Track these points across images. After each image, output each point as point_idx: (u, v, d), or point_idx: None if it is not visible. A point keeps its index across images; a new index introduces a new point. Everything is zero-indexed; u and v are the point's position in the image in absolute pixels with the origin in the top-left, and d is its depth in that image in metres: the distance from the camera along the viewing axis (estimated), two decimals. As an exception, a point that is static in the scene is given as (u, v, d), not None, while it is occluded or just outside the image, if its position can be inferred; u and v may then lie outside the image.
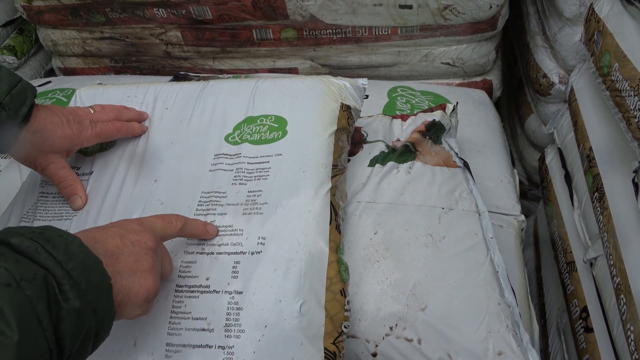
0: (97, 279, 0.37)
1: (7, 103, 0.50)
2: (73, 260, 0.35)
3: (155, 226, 0.47)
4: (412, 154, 0.72)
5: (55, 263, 0.34)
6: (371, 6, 1.03)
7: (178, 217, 0.50)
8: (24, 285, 0.31)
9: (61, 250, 0.35)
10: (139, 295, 0.41)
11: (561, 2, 1.00)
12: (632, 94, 0.62)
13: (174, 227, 0.49)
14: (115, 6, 1.17)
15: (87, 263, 0.36)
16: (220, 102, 0.67)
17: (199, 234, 0.52)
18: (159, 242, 0.46)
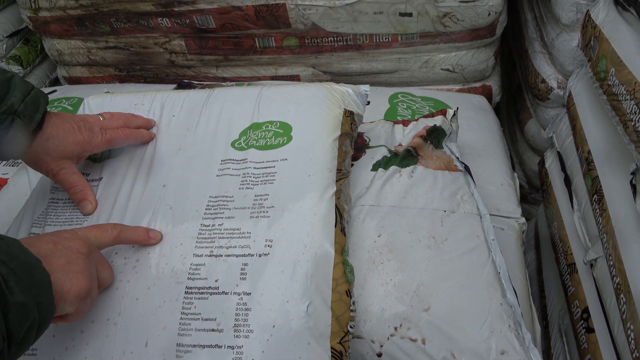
0: (38, 275, 0.40)
1: (22, 110, 0.52)
2: (15, 259, 0.39)
3: (89, 235, 0.50)
4: (414, 158, 0.73)
5: (1, 263, 0.37)
6: (372, 14, 1.05)
7: (114, 226, 0.52)
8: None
9: (3, 251, 0.38)
10: (71, 293, 0.44)
11: (558, 9, 1.02)
12: (628, 98, 0.63)
13: (109, 235, 0.51)
14: (120, 16, 1.19)
15: (29, 262, 0.40)
16: (226, 109, 0.68)
17: (140, 240, 0.55)
18: (91, 248, 0.48)
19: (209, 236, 0.54)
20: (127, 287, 0.52)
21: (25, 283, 0.38)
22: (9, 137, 0.53)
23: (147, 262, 0.54)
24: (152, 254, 0.54)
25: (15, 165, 1.03)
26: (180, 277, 0.51)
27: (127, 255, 0.55)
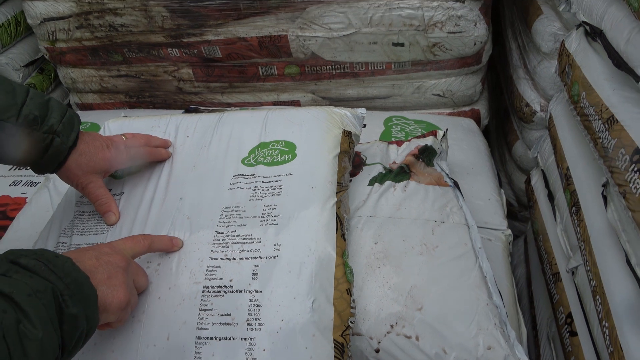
0: (87, 291, 0.46)
1: (60, 130, 0.59)
2: (69, 276, 0.44)
3: (125, 247, 0.55)
4: (407, 174, 0.80)
5: (57, 278, 0.43)
6: (367, 44, 1.14)
7: (145, 237, 0.58)
8: (39, 295, 0.40)
9: (59, 268, 0.44)
10: (113, 305, 0.49)
11: (539, 39, 1.11)
12: (597, 118, 0.71)
13: (142, 246, 0.57)
14: (132, 47, 1.27)
15: (79, 279, 0.45)
16: (236, 130, 0.75)
17: (166, 248, 0.61)
18: (129, 261, 0.54)
19: (224, 242, 0.60)
20: (150, 287, 0.58)
21: (77, 297, 0.43)
22: (49, 154, 0.59)
23: (168, 265, 0.60)
24: (173, 258, 0.60)
25: (33, 186, 1.10)
26: (198, 278, 0.57)
27: (150, 259, 0.61)
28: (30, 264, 0.42)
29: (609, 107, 0.68)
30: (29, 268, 0.42)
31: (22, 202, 1.05)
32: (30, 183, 1.11)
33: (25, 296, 0.39)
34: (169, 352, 0.54)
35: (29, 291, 0.39)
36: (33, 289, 0.40)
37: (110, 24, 1.22)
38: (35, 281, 0.41)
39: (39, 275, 0.41)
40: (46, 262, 0.43)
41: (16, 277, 0.40)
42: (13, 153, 0.58)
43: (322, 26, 1.12)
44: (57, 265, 0.44)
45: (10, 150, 0.58)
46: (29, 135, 0.57)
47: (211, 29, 1.19)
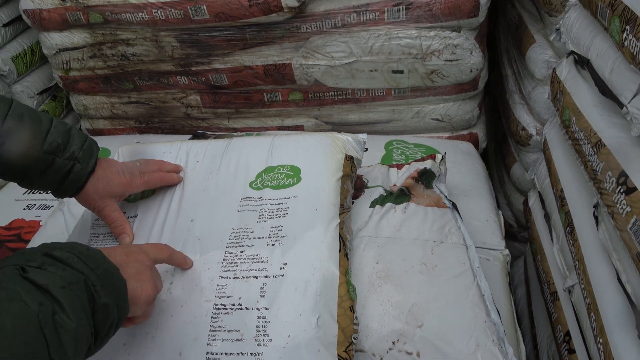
0: (117, 282, 0.49)
1: (81, 157, 0.63)
2: (100, 267, 0.48)
3: (150, 251, 0.59)
4: (407, 196, 0.84)
5: (89, 270, 0.46)
6: (368, 72, 1.19)
7: (168, 247, 0.63)
8: (72, 287, 0.44)
9: (91, 260, 0.47)
10: (142, 298, 0.53)
11: (532, 66, 1.16)
12: (586, 142, 0.75)
13: (164, 254, 0.61)
14: (143, 75, 1.33)
15: (110, 270, 0.49)
16: (244, 156, 0.79)
17: (181, 264, 0.64)
18: (153, 262, 0.58)
19: (232, 261, 0.64)
20: (163, 305, 0.61)
21: (108, 288, 0.46)
22: (69, 179, 0.63)
23: (180, 284, 0.63)
24: (184, 277, 0.63)
25: (46, 209, 1.14)
26: (209, 296, 0.61)
27: (163, 278, 0.64)
28: (63, 257, 0.45)
29: (596, 131, 0.72)
30: (62, 260, 0.45)
31: (36, 225, 1.09)
32: (44, 207, 1.14)
33: (60, 288, 0.42)
34: (181, 367, 0.57)
35: (63, 283, 0.42)
36: (67, 281, 0.43)
37: (122, 53, 1.28)
38: (68, 273, 0.44)
39: (72, 267, 0.44)
40: (78, 255, 0.46)
41: (51, 270, 0.43)
42: (36, 178, 0.62)
43: (325, 55, 1.18)
44: (89, 257, 0.47)
45: (34, 176, 0.62)
46: (52, 162, 0.61)
47: (218, 57, 1.24)
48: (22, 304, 0.39)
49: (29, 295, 0.40)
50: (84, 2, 1.20)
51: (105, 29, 1.25)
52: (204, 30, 1.19)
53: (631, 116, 0.62)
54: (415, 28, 1.12)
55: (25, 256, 0.44)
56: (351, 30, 1.13)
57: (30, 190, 1.21)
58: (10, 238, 1.05)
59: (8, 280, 0.41)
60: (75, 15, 1.23)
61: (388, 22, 1.11)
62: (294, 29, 1.15)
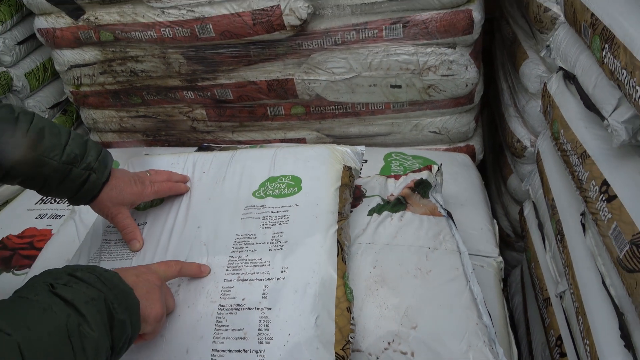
0: (131, 301, 0.54)
1: (96, 167, 0.68)
2: (116, 287, 0.52)
3: (159, 270, 0.63)
4: (403, 205, 0.87)
5: (108, 289, 0.51)
6: (367, 86, 1.24)
7: (177, 263, 0.66)
8: (94, 303, 0.48)
9: (109, 281, 0.52)
10: (151, 316, 0.57)
11: (526, 80, 1.20)
12: (573, 153, 0.78)
13: (173, 270, 0.65)
14: (151, 90, 1.38)
15: (125, 290, 0.53)
16: (247, 167, 0.84)
17: (195, 274, 0.68)
18: (162, 281, 0.62)
19: (237, 265, 0.67)
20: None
21: (124, 306, 0.51)
22: (85, 188, 0.68)
23: (187, 286, 0.67)
24: (191, 280, 0.67)
25: (57, 218, 1.18)
26: (214, 297, 0.64)
27: (171, 282, 0.68)
28: (85, 277, 0.50)
29: (582, 143, 0.76)
30: (84, 280, 0.49)
31: (48, 234, 1.13)
32: (55, 216, 1.19)
33: (84, 303, 0.46)
34: (188, 363, 0.60)
35: (86, 299, 0.47)
36: (89, 297, 0.48)
37: (131, 69, 1.33)
38: (90, 291, 0.48)
39: (93, 286, 0.49)
40: (98, 275, 0.51)
41: (76, 287, 0.48)
42: (55, 187, 0.66)
43: (326, 70, 1.23)
44: (107, 278, 0.51)
45: (52, 185, 0.66)
46: (69, 172, 0.66)
47: (224, 73, 1.29)
48: (53, 315, 0.44)
49: (58, 308, 0.45)
50: (95, 21, 1.25)
51: (115, 47, 1.31)
52: (209, 48, 1.24)
53: (611, 128, 0.66)
54: (412, 45, 1.16)
55: (52, 275, 0.49)
56: (351, 47, 1.18)
57: (42, 200, 1.26)
58: (23, 246, 1.09)
59: (40, 294, 0.46)
60: (87, 33, 1.29)
61: (386, 39, 1.16)
62: (296, 46, 1.20)
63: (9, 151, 0.61)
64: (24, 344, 0.40)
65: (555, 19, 1.03)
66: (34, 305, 0.44)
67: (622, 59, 0.60)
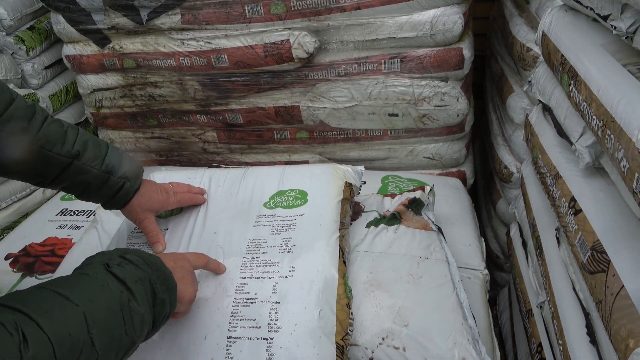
0: (170, 283, 0.62)
1: (130, 176, 0.77)
2: (159, 270, 0.61)
3: (191, 259, 0.72)
4: (398, 220, 0.97)
5: (152, 271, 0.60)
6: (367, 114, 1.35)
7: (205, 256, 0.75)
8: (141, 282, 0.57)
9: (153, 264, 0.61)
10: (185, 298, 0.66)
11: (512, 112, 1.32)
12: (548, 175, 0.89)
13: (201, 261, 0.74)
14: (167, 113, 1.49)
15: (166, 272, 0.62)
16: (259, 181, 0.93)
17: (215, 269, 0.77)
18: (193, 268, 0.71)
19: (250, 265, 0.76)
20: (191, 299, 0.74)
21: (165, 286, 0.59)
22: (120, 195, 0.77)
23: (206, 282, 0.75)
24: (209, 277, 0.76)
25: (77, 229, 1.27)
26: (230, 292, 0.73)
27: (191, 278, 0.76)
28: (133, 259, 0.58)
29: (556, 166, 0.86)
30: (133, 262, 0.58)
31: (68, 242, 1.21)
32: (75, 227, 1.28)
33: (133, 282, 0.55)
34: (206, 348, 0.68)
35: (135, 278, 0.56)
36: (137, 277, 0.56)
37: (150, 94, 1.45)
38: (138, 271, 0.57)
39: (140, 267, 0.58)
40: (144, 258, 0.60)
41: (126, 268, 0.56)
42: (94, 192, 0.76)
43: (329, 99, 1.34)
44: (151, 262, 0.60)
45: (92, 190, 0.76)
46: (107, 179, 0.75)
47: (235, 99, 1.41)
48: (109, 290, 0.53)
49: (113, 285, 0.54)
50: (120, 49, 1.37)
51: (136, 73, 1.42)
52: (224, 76, 1.36)
53: (578, 152, 0.76)
54: (408, 78, 1.28)
55: (106, 256, 0.58)
56: (353, 79, 1.30)
57: (62, 212, 1.34)
58: (45, 253, 1.18)
59: (98, 272, 0.54)
60: (112, 60, 1.41)
61: (385, 72, 1.28)
62: (303, 76, 1.32)
63: (58, 160, 0.71)
64: (88, 313, 0.48)
65: (536, 58, 1.15)
66: (94, 281, 0.53)
67: (583, 94, 0.71)
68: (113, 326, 0.51)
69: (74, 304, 0.48)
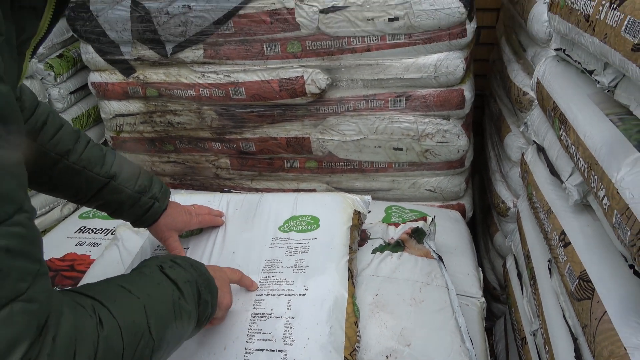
0: (213, 287, 0.69)
1: (159, 197, 0.85)
2: (203, 275, 0.68)
3: (227, 272, 0.79)
4: (401, 247, 1.04)
5: (198, 275, 0.67)
6: (373, 147, 1.43)
7: (239, 271, 0.82)
8: (189, 284, 0.64)
9: (198, 269, 0.68)
10: (223, 304, 0.73)
11: (509, 150, 1.40)
12: (541, 210, 0.96)
13: (236, 276, 0.81)
14: (183, 139, 1.58)
15: (209, 277, 0.69)
16: (274, 207, 1.01)
17: (247, 286, 0.84)
18: (229, 281, 0.78)
19: (266, 283, 0.83)
20: (212, 313, 0.80)
21: (208, 289, 0.66)
22: (149, 214, 0.84)
23: (226, 298, 0.82)
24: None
25: (95, 246, 1.33)
26: (248, 307, 0.79)
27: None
28: (183, 263, 0.66)
29: (548, 202, 0.94)
30: (182, 265, 0.65)
31: (87, 259, 1.27)
32: (93, 244, 1.34)
33: (183, 282, 0.62)
34: (226, 358, 0.74)
35: (184, 280, 0.63)
36: (186, 278, 0.63)
37: (169, 121, 1.54)
38: (187, 273, 0.64)
39: (187, 270, 0.65)
40: (191, 263, 0.67)
41: (177, 270, 0.63)
42: (126, 211, 0.83)
43: (338, 132, 1.43)
44: (197, 267, 0.67)
45: (124, 209, 0.83)
46: (139, 199, 0.83)
47: (249, 129, 1.50)
48: (163, 287, 0.60)
49: (167, 284, 0.61)
50: (144, 79, 1.47)
51: (158, 101, 1.52)
52: (240, 107, 1.45)
53: (568, 190, 0.84)
54: (413, 115, 1.37)
55: (159, 259, 0.65)
56: (361, 114, 1.39)
57: (80, 230, 1.41)
58: (64, 268, 1.24)
59: (154, 272, 0.62)
60: (135, 89, 1.50)
61: (391, 109, 1.37)
62: (314, 110, 1.41)
63: (97, 179, 0.79)
64: (147, 305, 0.55)
65: (531, 102, 1.25)
66: (151, 279, 0.60)
67: (571, 138, 0.79)
68: (166, 319, 0.57)
69: (135, 296, 0.55)
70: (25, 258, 0.40)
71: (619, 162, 0.63)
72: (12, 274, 0.38)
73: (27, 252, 0.40)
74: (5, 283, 0.38)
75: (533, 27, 1.21)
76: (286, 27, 1.28)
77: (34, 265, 0.41)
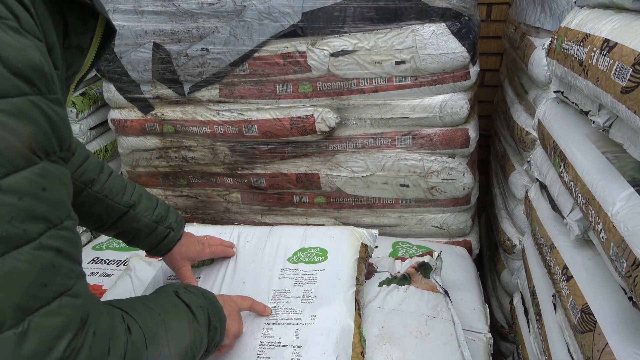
0: (221, 315, 0.72)
1: (175, 226, 0.89)
2: (213, 303, 0.71)
3: (237, 300, 0.82)
4: (408, 281, 1.06)
5: (209, 302, 0.70)
6: (380, 184, 1.47)
7: (250, 299, 0.85)
8: (201, 309, 0.67)
9: (208, 297, 0.71)
10: (232, 331, 0.76)
11: (514, 188, 1.44)
12: (545, 246, 0.98)
13: (246, 303, 0.84)
14: (196, 174, 1.63)
15: (218, 306, 0.73)
16: (283, 239, 1.04)
17: (260, 312, 0.86)
18: (239, 309, 0.80)
19: (275, 312, 0.85)
20: (222, 340, 0.82)
21: (217, 317, 0.70)
22: (164, 243, 0.88)
23: (235, 326, 0.84)
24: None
25: (107, 277, 1.36)
26: (257, 335, 0.81)
27: (222, 321, 0.85)
28: (194, 291, 0.69)
29: (551, 237, 0.96)
30: (194, 292, 0.69)
31: (99, 289, 1.30)
32: (105, 274, 1.37)
33: (196, 307, 0.65)
34: (234, 385, 0.76)
35: (197, 305, 0.66)
36: (199, 304, 0.67)
37: (183, 156, 1.59)
38: (199, 299, 0.67)
39: (199, 297, 0.68)
40: (202, 292, 0.71)
41: (190, 296, 0.67)
42: (142, 239, 0.87)
43: (346, 168, 1.47)
44: (207, 295, 0.71)
45: (141, 237, 0.87)
46: (155, 228, 0.87)
47: (261, 165, 1.55)
48: (180, 309, 0.64)
49: (182, 307, 0.65)
50: (161, 116, 1.54)
51: (173, 137, 1.58)
52: (252, 143, 1.50)
53: (569, 225, 0.87)
54: (419, 153, 1.42)
55: (174, 286, 0.69)
56: (369, 151, 1.44)
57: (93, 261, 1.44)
58: (77, 298, 1.26)
59: (170, 296, 0.66)
60: (152, 125, 1.57)
61: (398, 147, 1.42)
62: (324, 147, 1.46)
63: (118, 208, 0.83)
64: (166, 321, 0.59)
65: (534, 141, 1.29)
66: (168, 301, 0.64)
67: (571, 174, 0.83)
68: (182, 336, 0.61)
69: (157, 313, 0.60)
70: (70, 259, 0.45)
71: (614, 197, 0.66)
72: (61, 271, 0.43)
73: (73, 254, 0.45)
74: (56, 279, 0.43)
75: (533, 70, 1.27)
76: (298, 69, 1.35)
77: (77, 266, 0.46)
